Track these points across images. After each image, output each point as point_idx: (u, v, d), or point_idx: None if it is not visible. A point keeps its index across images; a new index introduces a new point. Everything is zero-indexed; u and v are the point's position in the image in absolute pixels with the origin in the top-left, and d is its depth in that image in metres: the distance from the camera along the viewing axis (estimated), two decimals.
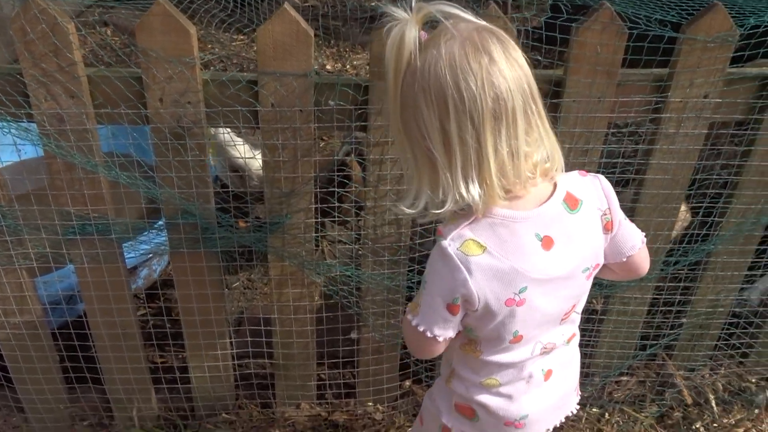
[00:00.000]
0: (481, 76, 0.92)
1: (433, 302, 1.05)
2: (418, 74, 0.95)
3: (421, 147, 0.99)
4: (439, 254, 1.02)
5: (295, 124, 1.50)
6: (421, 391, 2.06)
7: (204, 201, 1.60)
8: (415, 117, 0.97)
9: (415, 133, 0.99)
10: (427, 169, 1.00)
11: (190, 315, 1.78)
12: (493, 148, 0.94)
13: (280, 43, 1.42)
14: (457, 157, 0.95)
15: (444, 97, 0.93)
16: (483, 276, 1.01)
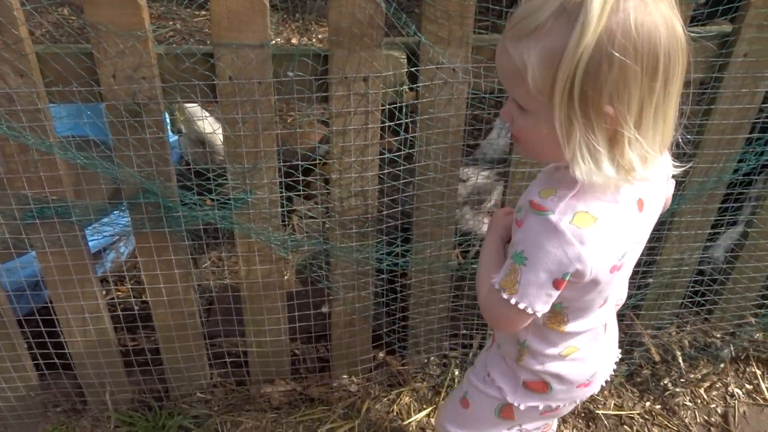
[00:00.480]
0: (682, 37, 0.87)
1: (537, 279, 0.98)
2: (629, 27, 0.83)
3: (599, 114, 0.87)
4: (546, 230, 0.95)
5: (254, 96, 1.47)
6: (395, 362, 2.08)
7: (165, 179, 1.56)
8: (614, 77, 0.84)
9: (602, 97, 0.86)
10: (603, 138, 0.89)
11: (158, 296, 1.76)
12: (675, 111, 0.92)
13: (235, 13, 1.38)
14: (650, 121, 0.89)
15: (656, 59, 0.85)
16: (597, 248, 0.96)
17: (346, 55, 1.46)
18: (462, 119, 1.62)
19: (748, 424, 2.05)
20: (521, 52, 0.88)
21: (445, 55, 1.51)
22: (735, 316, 2.13)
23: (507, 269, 1.02)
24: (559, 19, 0.85)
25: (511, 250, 1.02)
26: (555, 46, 0.85)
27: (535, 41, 0.87)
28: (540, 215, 0.96)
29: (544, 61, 0.86)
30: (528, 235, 0.98)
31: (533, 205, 0.97)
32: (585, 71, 0.84)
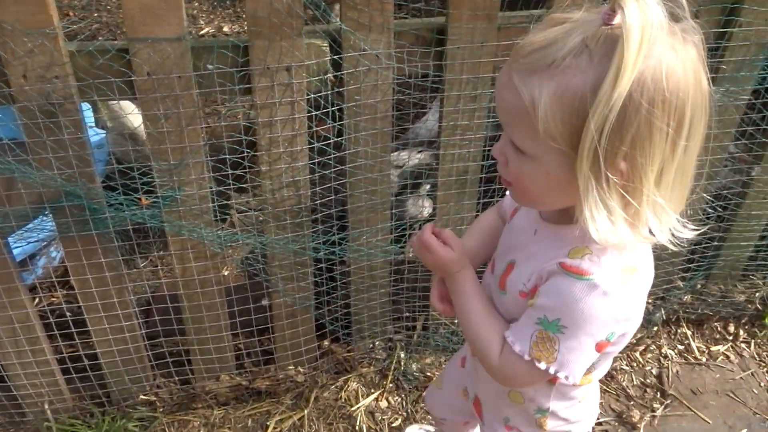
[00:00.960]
0: (706, 90, 0.79)
1: (579, 346, 0.88)
2: (660, 77, 0.74)
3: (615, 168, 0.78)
4: (591, 295, 0.85)
5: (174, 91, 1.44)
6: (340, 349, 2.09)
7: (87, 181, 1.52)
8: (638, 131, 0.76)
9: (621, 150, 0.77)
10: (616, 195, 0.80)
11: (90, 300, 1.71)
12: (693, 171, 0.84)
13: (148, 6, 1.34)
14: (670, 180, 0.80)
15: (683, 115, 0.77)
16: (640, 299, 0.91)
17: (267, 45, 1.44)
18: (389, 105, 1.62)
19: (681, 382, 2.16)
20: (531, 90, 0.78)
21: (367, 42, 1.51)
22: (664, 281, 2.23)
23: (534, 337, 0.90)
24: (580, 57, 0.75)
25: (533, 315, 0.90)
26: (574, 89, 0.75)
27: (550, 79, 0.77)
28: (581, 280, 0.85)
29: (560, 103, 0.76)
30: (565, 301, 0.86)
31: (568, 267, 0.86)
32: (616, 119, 0.74)
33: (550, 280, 0.88)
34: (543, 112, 0.77)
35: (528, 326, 0.92)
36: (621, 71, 0.72)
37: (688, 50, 0.77)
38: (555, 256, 0.88)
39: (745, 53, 1.71)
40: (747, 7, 1.64)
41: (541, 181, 0.84)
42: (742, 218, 2.10)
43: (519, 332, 0.93)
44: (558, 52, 0.76)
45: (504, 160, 0.88)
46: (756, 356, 2.24)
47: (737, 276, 2.27)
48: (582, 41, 0.75)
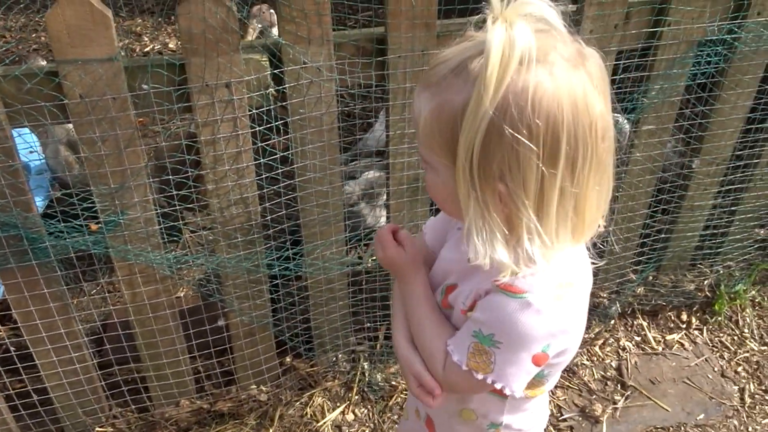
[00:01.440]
0: (596, 119, 0.75)
1: (516, 360, 0.88)
2: (526, 102, 0.72)
3: (492, 189, 0.78)
4: (526, 313, 0.84)
5: (110, 113, 1.40)
6: (303, 364, 2.06)
7: (24, 209, 1.46)
8: (504, 154, 0.75)
9: (492, 171, 0.76)
10: (498, 217, 0.79)
11: (36, 333, 1.65)
12: (591, 199, 0.80)
13: (76, 27, 1.30)
14: (552, 210, 0.78)
15: (557, 142, 0.74)
16: (577, 313, 0.89)
17: (204, 62, 1.41)
18: (334, 116, 1.62)
19: (639, 373, 2.20)
20: (420, 103, 0.80)
21: (308, 55, 1.50)
22: (617, 275, 2.27)
23: (470, 348, 0.90)
24: (458, 77, 0.76)
25: (470, 326, 0.90)
26: (450, 106, 0.76)
27: (434, 95, 0.78)
28: (515, 298, 0.84)
29: (438, 119, 0.78)
30: (498, 318, 0.86)
31: (502, 286, 0.84)
32: (482, 141, 0.74)
33: (487, 297, 0.88)
34: (426, 127, 0.79)
35: (465, 337, 0.91)
36: (481, 93, 0.71)
37: (574, 76, 0.74)
38: (491, 276, 0.87)
39: (675, 51, 1.77)
40: (674, 7, 1.69)
41: (441, 190, 0.85)
42: (686, 210, 2.16)
43: (458, 342, 0.93)
44: (444, 70, 0.77)
45: (424, 168, 0.90)
46: (709, 342, 2.30)
47: (686, 266, 2.33)
48: (463, 61, 0.76)
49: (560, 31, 0.76)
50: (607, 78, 0.79)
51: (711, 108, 1.96)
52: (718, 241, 2.29)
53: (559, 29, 0.76)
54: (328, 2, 1.45)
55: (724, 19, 1.79)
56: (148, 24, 4.12)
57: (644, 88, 1.80)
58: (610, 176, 0.83)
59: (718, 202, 2.21)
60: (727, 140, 2.03)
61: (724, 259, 2.33)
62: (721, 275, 2.34)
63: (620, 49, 1.75)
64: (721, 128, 2.00)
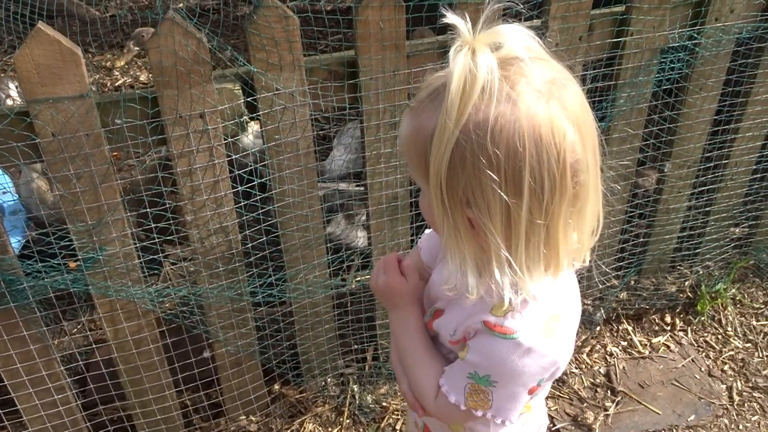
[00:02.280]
0: (564, 152, 0.73)
1: (512, 394, 0.88)
2: (485, 131, 0.72)
3: (462, 215, 0.78)
4: (517, 353, 0.84)
5: (84, 150, 1.39)
6: (292, 391, 2.04)
7: (0, 252, 1.44)
8: (467, 181, 0.75)
9: (459, 197, 0.77)
10: (470, 244, 0.80)
11: (16, 377, 1.61)
12: (563, 232, 0.78)
13: (45, 66, 1.30)
14: (521, 241, 0.77)
15: (519, 172, 0.73)
16: (567, 339, 0.90)
17: (177, 94, 1.42)
18: (310, 140, 1.62)
19: (628, 378, 2.21)
20: (403, 127, 0.82)
21: (280, 81, 1.51)
22: (599, 281, 2.30)
23: (467, 389, 0.90)
24: (433, 102, 0.77)
25: (465, 368, 0.90)
26: (423, 130, 0.77)
27: (411, 119, 0.80)
28: (505, 339, 0.84)
29: (414, 143, 0.79)
30: (492, 360, 0.86)
31: (492, 326, 0.84)
32: (448, 165, 0.74)
33: (477, 337, 0.88)
34: (405, 150, 0.82)
35: (460, 379, 0.91)
36: (444, 120, 0.73)
37: (542, 107, 0.72)
38: (478, 312, 0.87)
39: (639, 59, 1.81)
40: (635, 17, 1.74)
41: (427, 210, 0.85)
42: (662, 213, 2.20)
43: (453, 382, 0.93)
44: (423, 95, 0.79)
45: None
46: (694, 343, 2.32)
47: (666, 268, 2.37)
48: (438, 87, 0.77)
49: (542, 58, 0.75)
50: (587, 107, 0.77)
51: (678, 113, 2.00)
52: (695, 242, 2.33)
53: (542, 56, 0.75)
54: (298, 29, 1.47)
55: (684, 26, 1.84)
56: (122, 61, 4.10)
57: (612, 96, 1.84)
58: (590, 208, 0.80)
59: (692, 204, 2.25)
60: (696, 143, 2.08)
61: (703, 259, 2.37)
62: (701, 275, 2.38)
63: (586, 59, 1.79)
64: (689, 131, 2.04)
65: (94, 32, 4.19)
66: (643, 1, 1.73)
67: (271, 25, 1.44)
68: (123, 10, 4.37)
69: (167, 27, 1.35)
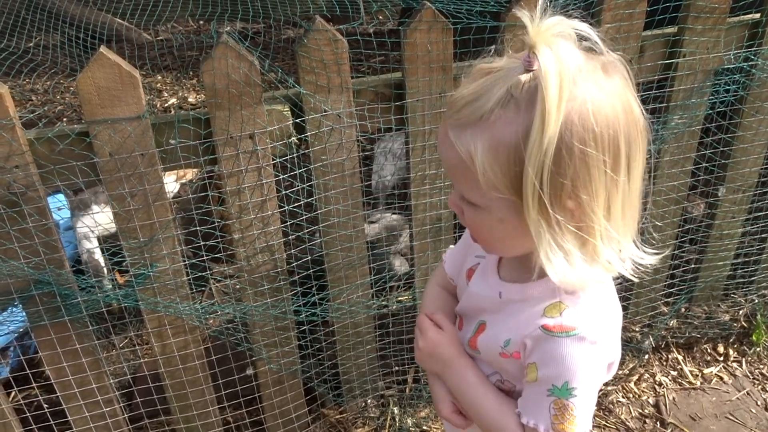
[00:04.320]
0: (639, 119, 0.79)
1: (591, 399, 0.88)
2: (587, 115, 0.75)
3: (564, 208, 0.78)
4: (583, 348, 0.85)
5: (138, 169, 1.44)
6: (332, 411, 2.04)
7: (56, 266, 1.49)
8: (575, 170, 0.76)
9: (566, 190, 0.77)
10: (572, 236, 0.80)
11: (68, 389, 1.65)
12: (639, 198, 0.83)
13: (105, 89, 1.35)
14: (618, 211, 0.80)
15: (617, 145, 0.77)
16: (617, 336, 0.91)
17: (228, 116, 1.45)
18: (355, 161, 1.64)
19: (679, 410, 2.13)
20: (467, 144, 0.78)
21: (328, 103, 1.53)
22: (648, 308, 2.23)
23: (552, 410, 0.88)
24: (507, 107, 0.76)
25: (540, 388, 0.88)
26: (507, 139, 0.76)
27: (482, 132, 0.77)
28: (568, 336, 0.84)
29: (496, 155, 0.77)
30: (564, 364, 0.85)
31: (552, 328, 0.85)
32: (552, 163, 0.74)
33: (541, 347, 0.87)
34: (481, 165, 0.77)
35: (541, 401, 0.89)
36: (546, 117, 0.72)
37: (613, 83, 0.77)
38: (532, 318, 0.87)
39: (692, 81, 1.77)
40: (688, 39, 1.70)
41: (497, 229, 0.84)
42: (715, 239, 2.13)
43: (535, 411, 0.90)
44: (486, 105, 0.76)
45: (460, 211, 0.88)
46: (749, 374, 2.22)
47: (719, 296, 2.28)
48: (507, 91, 0.76)
49: (593, 42, 0.78)
50: (633, 80, 0.82)
51: (733, 135, 1.95)
52: (750, 269, 2.24)
53: (593, 40, 0.78)
54: (347, 52, 1.49)
55: (740, 47, 1.80)
56: (167, 80, 4.25)
57: (664, 118, 1.80)
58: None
59: (747, 230, 2.17)
60: (752, 167, 2.01)
61: (759, 287, 2.28)
62: (756, 304, 2.28)
63: (637, 81, 1.76)
64: (744, 155, 1.98)
65: (146, 56, 4.35)
66: (696, 22, 1.70)
67: (320, 48, 1.47)
68: (175, 34, 4.53)
69: (221, 50, 1.39)
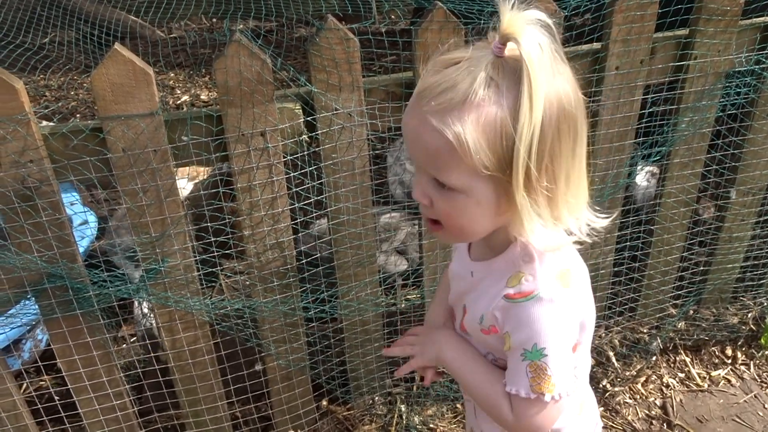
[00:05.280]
0: (582, 100, 0.87)
1: (563, 358, 0.93)
2: (559, 94, 0.82)
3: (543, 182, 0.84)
4: (545, 308, 0.90)
5: (151, 165, 1.45)
6: (340, 408, 2.05)
7: (69, 260, 1.51)
8: (552, 144, 0.83)
9: (544, 163, 0.83)
10: (546, 206, 0.86)
11: (79, 382, 1.68)
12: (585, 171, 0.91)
13: (119, 85, 1.36)
14: (576, 181, 0.88)
15: (577, 123, 0.85)
16: (585, 293, 0.97)
17: (240, 113, 1.46)
18: (365, 160, 1.65)
19: (686, 411, 2.13)
20: (453, 127, 0.81)
21: (339, 101, 1.54)
22: (656, 310, 2.23)
23: (528, 373, 0.93)
24: (489, 89, 0.80)
25: (515, 355, 0.93)
26: (492, 118, 0.80)
27: (468, 113, 0.80)
28: (528, 300, 0.90)
29: (484, 133, 0.81)
30: (529, 326, 0.91)
31: (513, 296, 0.91)
32: (539, 137, 0.80)
33: (508, 316, 0.93)
34: (473, 144, 0.81)
35: (519, 367, 0.94)
36: (534, 97, 0.79)
37: (567, 68, 0.85)
38: (498, 291, 0.94)
39: (703, 83, 1.77)
40: (699, 41, 1.70)
41: (472, 210, 0.88)
42: (724, 242, 2.12)
43: (515, 378, 0.95)
44: (468, 89, 0.80)
45: (429, 202, 0.90)
46: (757, 378, 2.22)
47: (728, 299, 2.28)
48: (486, 75, 0.80)
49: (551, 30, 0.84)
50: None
51: (744, 138, 1.94)
52: (760, 272, 2.23)
53: (552, 28, 0.84)
54: (358, 51, 1.50)
55: (751, 50, 1.79)
56: (180, 77, 4.28)
57: (674, 120, 1.80)
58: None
59: (757, 233, 2.16)
60: (762, 170, 2.00)
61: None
62: (765, 307, 2.27)
63: (647, 83, 1.76)
64: (755, 158, 1.98)
65: (159, 53, 4.38)
66: (708, 25, 1.69)
67: (332, 47, 1.48)
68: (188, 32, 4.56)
69: (234, 49, 1.40)
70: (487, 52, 0.81)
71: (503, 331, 0.94)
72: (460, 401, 2.12)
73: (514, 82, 0.80)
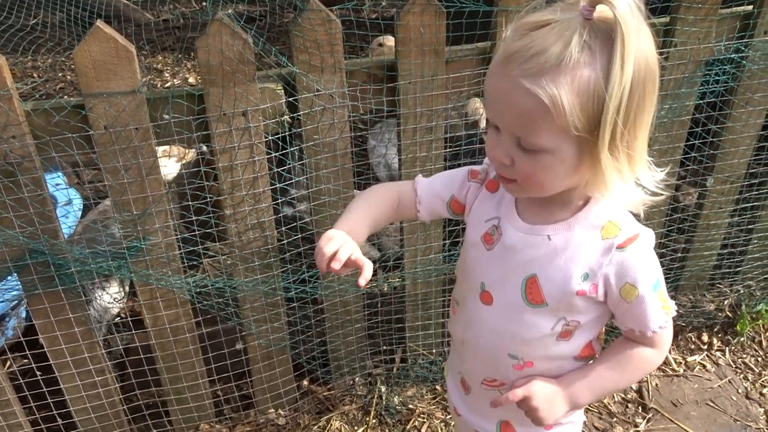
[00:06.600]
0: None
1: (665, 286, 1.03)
2: (646, 52, 0.85)
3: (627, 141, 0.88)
4: (651, 244, 0.99)
5: (133, 143, 1.46)
6: (321, 388, 2.08)
7: (51, 236, 1.52)
8: (639, 102, 0.86)
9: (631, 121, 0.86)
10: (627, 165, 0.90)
11: (61, 358, 1.69)
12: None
13: (101, 62, 1.37)
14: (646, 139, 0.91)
15: (656, 80, 0.89)
16: None
17: (221, 92, 1.48)
18: (347, 141, 1.66)
19: (661, 395, 2.17)
20: (548, 89, 0.83)
21: (321, 82, 1.55)
22: None
23: (657, 305, 0.99)
24: (582, 52, 0.83)
25: (646, 293, 0.98)
26: (586, 80, 0.83)
27: (564, 76, 0.83)
28: (637, 242, 0.96)
29: (578, 95, 0.84)
30: (648, 265, 0.97)
31: (624, 244, 0.96)
32: (628, 97, 0.83)
33: (627, 264, 0.97)
34: (567, 106, 0.84)
35: (653, 305, 0.99)
36: (626, 58, 0.81)
37: (648, 28, 0.87)
38: (599, 245, 0.97)
39: (683, 71, 1.79)
40: (680, 28, 1.72)
41: (557, 169, 0.91)
42: (702, 229, 2.15)
43: (655, 317, 1.00)
44: (562, 52, 0.83)
45: (510, 162, 0.93)
46: (732, 363, 2.26)
47: (705, 286, 2.31)
48: (580, 38, 0.83)
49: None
50: None
51: (722, 126, 1.97)
52: (736, 260, 2.27)
53: None
54: (341, 32, 1.51)
55: (731, 38, 1.81)
56: (168, 60, 4.26)
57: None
58: None
59: (734, 221, 2.19)
60: (740, 158, 2.03)
61: (744, 278, 2.31)
62: (741, 295, 2.32)
63: None
64: (733, 146, 2.00)
65: (148, 35, 4.36)
66: (688, 12, 1.71)
67: (314, 28, 1.49)
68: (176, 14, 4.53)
69: (216, 27, 1.41)
70: (575, 14, 0.83)
71: (621, 283, 0.98)
72: (439, 383, 2.15)
73: (605, 43, 0.82)
